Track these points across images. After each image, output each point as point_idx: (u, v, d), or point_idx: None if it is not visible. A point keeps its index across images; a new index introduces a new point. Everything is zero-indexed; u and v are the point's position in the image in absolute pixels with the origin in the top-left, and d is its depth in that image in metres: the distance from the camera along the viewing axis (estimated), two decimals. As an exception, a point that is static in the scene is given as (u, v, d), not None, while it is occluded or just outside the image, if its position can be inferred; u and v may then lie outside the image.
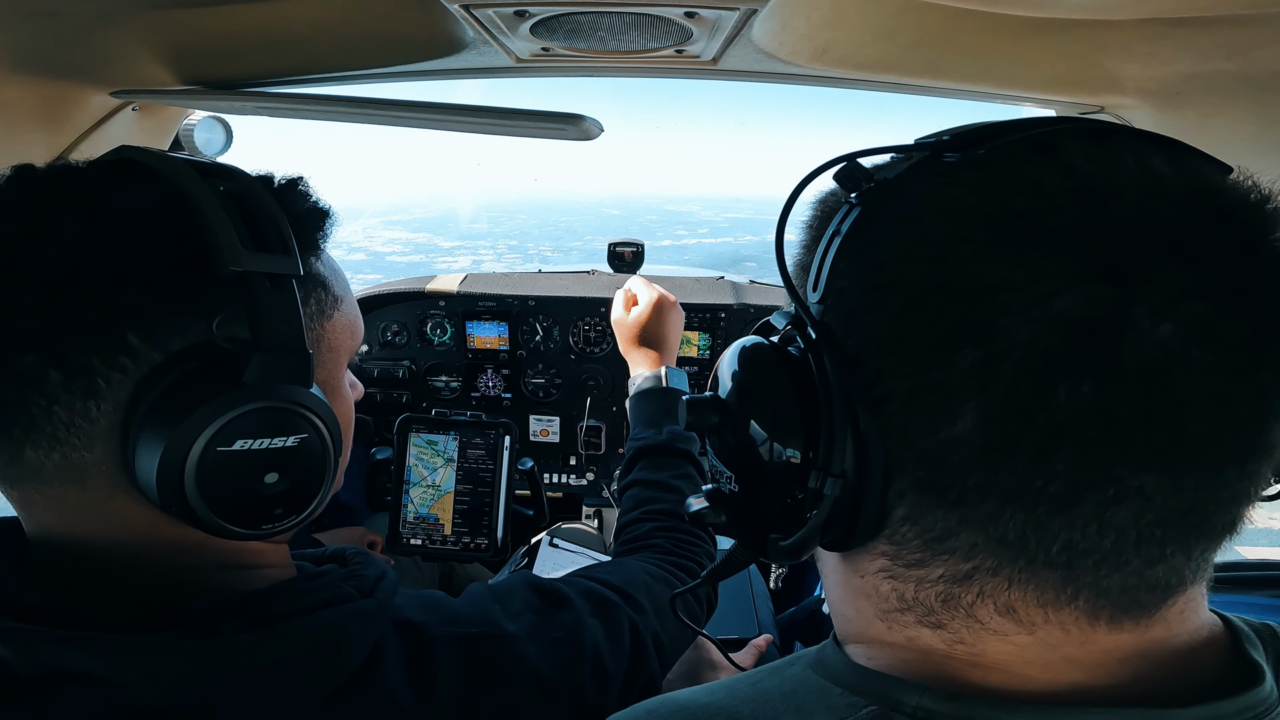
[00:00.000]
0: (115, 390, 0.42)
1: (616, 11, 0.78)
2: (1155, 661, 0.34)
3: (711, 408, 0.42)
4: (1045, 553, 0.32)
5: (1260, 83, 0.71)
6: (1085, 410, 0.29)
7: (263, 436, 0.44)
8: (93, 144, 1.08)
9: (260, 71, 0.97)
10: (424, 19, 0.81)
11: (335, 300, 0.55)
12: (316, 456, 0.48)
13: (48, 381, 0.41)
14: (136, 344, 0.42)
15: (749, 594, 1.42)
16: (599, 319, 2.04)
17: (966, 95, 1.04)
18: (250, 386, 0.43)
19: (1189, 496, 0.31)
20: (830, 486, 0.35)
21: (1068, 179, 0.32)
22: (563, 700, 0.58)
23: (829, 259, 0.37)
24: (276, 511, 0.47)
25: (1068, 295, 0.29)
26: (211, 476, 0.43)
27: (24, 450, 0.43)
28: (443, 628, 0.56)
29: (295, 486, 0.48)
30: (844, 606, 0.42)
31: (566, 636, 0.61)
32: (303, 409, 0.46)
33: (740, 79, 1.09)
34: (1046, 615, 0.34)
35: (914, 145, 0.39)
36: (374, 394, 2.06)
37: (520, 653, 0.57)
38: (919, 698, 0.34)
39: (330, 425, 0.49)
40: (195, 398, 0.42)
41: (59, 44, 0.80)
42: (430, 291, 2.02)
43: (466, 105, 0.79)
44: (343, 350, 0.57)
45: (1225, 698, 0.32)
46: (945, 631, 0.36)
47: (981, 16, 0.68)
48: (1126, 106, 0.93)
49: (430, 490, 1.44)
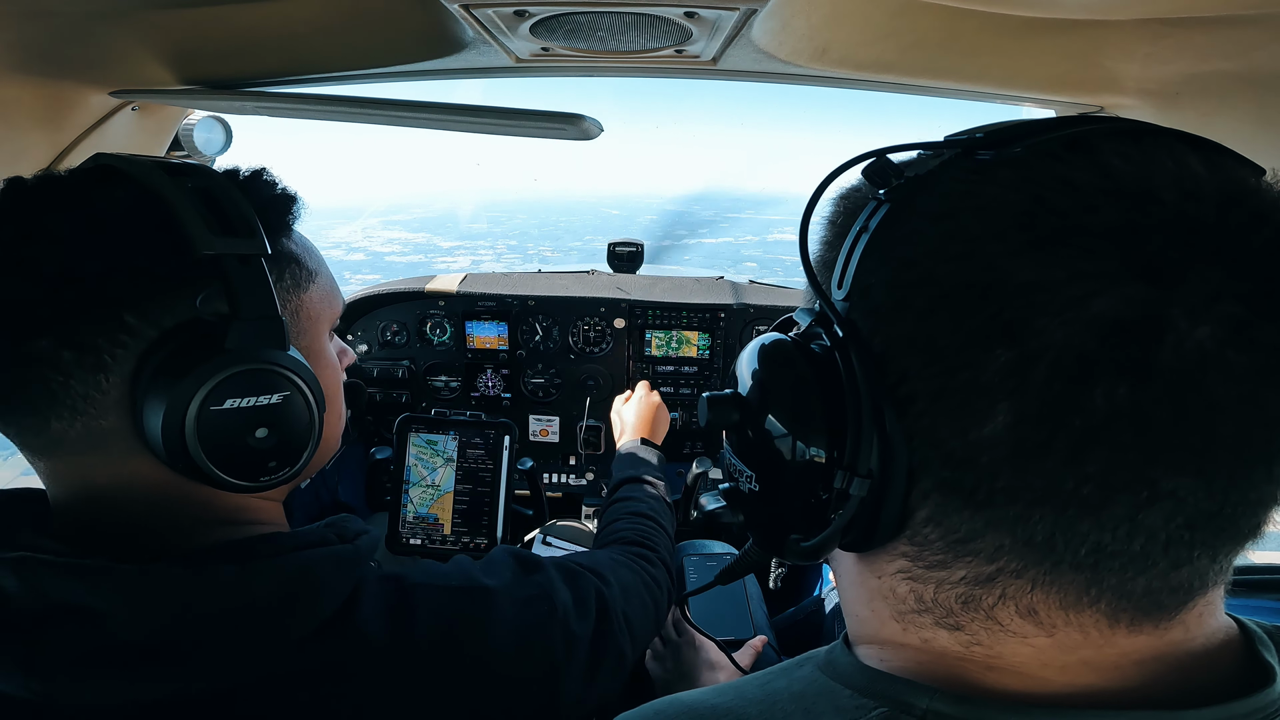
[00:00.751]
0: (120, 364, 0.49)
1: (616, 11, 0.79)
2: (1170, 664, 0.34)
3: (732, 405, 0.42)
4: (1073, 555, 0.32)
5: (1260, 83, 0.71)
6: (1120, 412, 0.29)
7: (248, 395, 0.51)
8: (93, 144, 1.07)
9: (260, 71, 0.97)
10: (424, 19, 0.81)
11: (309, 274, 0.62)
12: (300, 412, 0.55)
13: (62, 360, 0.47)
14: (133, 323, 0.49)
15: (744, 595, 1.42)
16: (599, 319, 2.04)
17: (966, 95, 1.04)
18: (233, 352, 0.50)
19: (1219, 499, 0.30)
20: (856, 487, 0.34)
21: (1105, 179, 0.32)
22: (535, 654, 0.61)
23: (856, 255, 0.37)
24: (271, 464, 0.54)
25: (1105, 296, 0.29)
26: (209, 433, 0.49)
27: (50, 423, 0.49)
28: (424, 578, 0.60)
29: (284, 440, 0.54)
30: (858, 607, 0.42)
31: (539, 595, 0.65)
32: (281, 369, 0.53)
33: (740, 79, 1.09)
34: (1068, 617, 0.33)
35: (945, 142, 0.39)
36: (374, 394, 2.06)
37: (496, 604, 0.61)
38: (929, 700, 0.34)
39: (310, 384, 0.55)
40: (187, 365, 0.48)
41: (59, 44, 0.80)
42: (430, 291, 2.02)
43: (466, 105, 0.79)
44: (322, 319, 0.63)
45: (1236, 699, 0.32)
46: (963, 633, 0.36)
47: (981, 16, 0.68)
48: (1126, 106, 0.93)
49: (430, 490, 1.44)
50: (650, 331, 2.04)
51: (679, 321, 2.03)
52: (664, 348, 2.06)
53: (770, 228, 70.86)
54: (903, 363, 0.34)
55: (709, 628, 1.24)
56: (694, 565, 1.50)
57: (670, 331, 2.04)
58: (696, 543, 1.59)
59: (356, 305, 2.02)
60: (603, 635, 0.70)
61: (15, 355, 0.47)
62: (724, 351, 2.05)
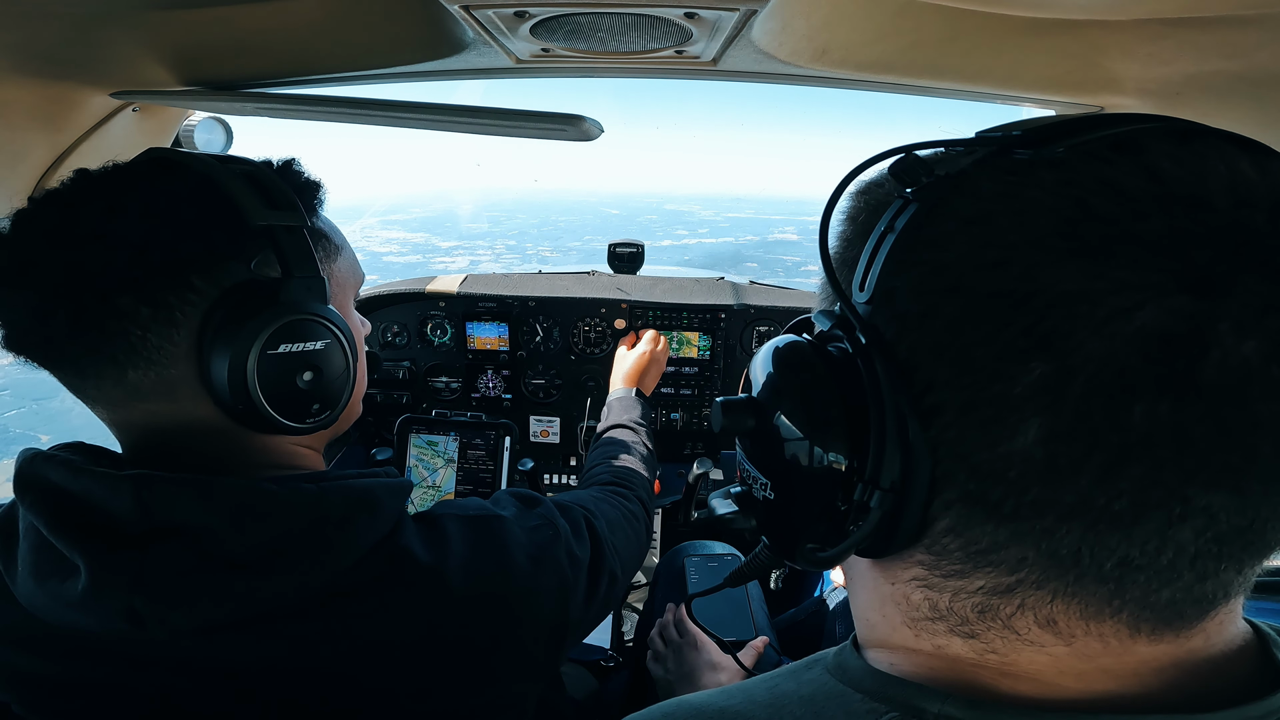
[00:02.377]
0: (189, 319, 0.56)
1: (616, 12, 0.79)
2: (1189, 670, 0.34)
3: (747, 410, 0.41)
4: (1098, 569, 0.31)
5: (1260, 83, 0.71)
6: (1161, 430, 0.28)
7: (298, 341, 0.60)
8: (93, 144, 1.08)
9: (260, 72, 0.97)
10: (424, 19, 0.81)
11: (336, 248, 0.71)
12: (339, 357, 0.64)
13: (140, 316, 0.54)
14: (200, 284, 0.56)
15: (745, 596, 1.42)
16: (599, 319, 2.04)
17: (966, 95, 1.04)
18: (285, 304, 0.58)
19: (1251, 515, 0.30)
20: (877, 501, 0.33)
21: (1155, 183, 0.30)
22: (547, 569, 0.69)
23: (880, 256, 0.35)
24: (314, 406, 0.62)
25: (1149, 309, 0.28)
26: (266, 374, 0.57)
27: (127, 373, 0.56)
28: (447, 510, 0.69)
29: (325, 383, 0.63)
30: (870, 612, 0.41)
31: (543, 523, 0.73)
32: (324, 320, 0.62)
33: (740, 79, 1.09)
34: (1088, 627, 0.33)
35: (977, 139, 0.37)
36: (374, 394, 2.06)
37: (510, 529, 0.69)
38: (941, 705, 0.34)
39: (346, 335, 0.64)
40: (247, 315, 0.56)
41: (59, 45, 0.80)
42: (430, 292, 2.02)
43: (466, 105, 0.79)
44: (348, 285, 0.73)
45: (1251, 701, 0.32)
46: (977, 641, 0.35)
47: (981, 16, 0.68)
48: (1126, 106, 0.93)
49: (430, 491, 1.44)
50: (650, 332, 2.04)
51: (679, 322, 2.03)
52: (664, 348, 2.06)
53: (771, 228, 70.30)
54: (930, 372, 0.32)
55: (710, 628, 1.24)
56: (695, 566, 1.50)
57: (670, 332, 2.04)
58: (697, 543, 1.59)
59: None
60: (598, 558, 0.78)
61: (103, 311, 0.54)
62: (724, 352, 2.05)
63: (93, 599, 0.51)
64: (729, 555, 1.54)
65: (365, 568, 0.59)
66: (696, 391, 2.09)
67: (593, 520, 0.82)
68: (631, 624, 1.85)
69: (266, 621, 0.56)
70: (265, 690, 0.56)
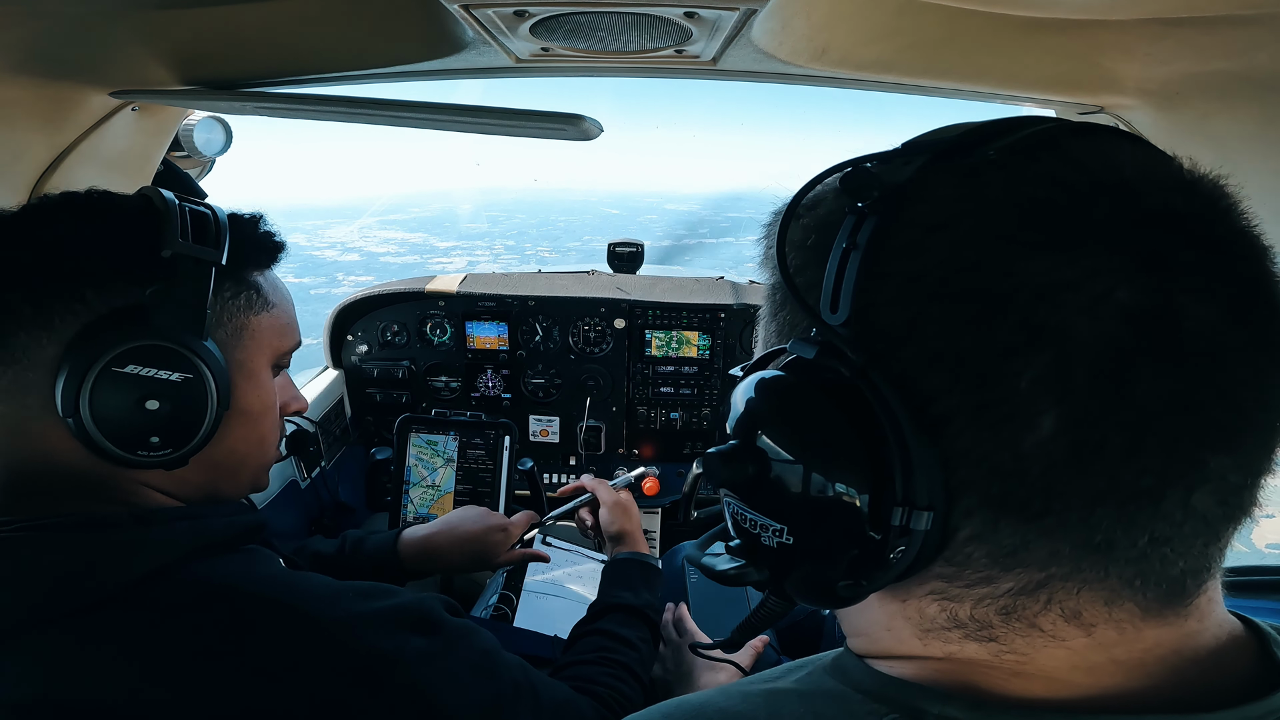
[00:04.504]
0: (64, 328, 0.56)
1: (616, 11, 0.79)
2: (1189, 658, 0.34)
3: (745, 458, 0.38)
4: (1129, 549, 0.31)
5: (1260, 83, 0.71)
6: (1166, 398, 0.29)
7: (151, 366, 0.58)
8: (92, 144, 1.07)
9: (260, 71, 0.97)
10: (424, 19, 0.81)
11: (266, 303, 0.70)
12: (197, 397, 0.60)
13: (22, 314, 0.56)
14: (91, 297, 0.57)
15: (744, 595, 1.42)
16: (599, 319, 2.04)
17: (966, 95, 1.04)
18: (151, 328, 0.58)
19: (1245, 471, 0.32)
20: (918, 521, 0.32)
21: (1084, 174, 0.32)
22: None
23: (849, 274, 0.34)
24: (153, 440, 0.59)
25: (1123, 288, 0.29)
26: (102, 390, 0.56)
27: None
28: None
29: (171, 418, 0.59)
30: (873, 629, 0.40)
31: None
32: (188, 351, 0.59)
33: (740, 79, 1.09)
34: (1109, 614, 0.33)
35: (906, 149, 0.37)
36: (374, 394, 2.06)
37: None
38: (943, 706, 0.34)
39: (217, 377, 0.61)
40: (108, 329, 0.56)
41: (59, 44, 0.80)
42: (430, 292, 2.02)
43: (466, 105, 0.79)
44: (265, 344, 0.70)
45: (1254, 700, 0.32)
46: (996, 644, 0.35)
47: (981, 16, 0.68)
48: (1126, 106, 0.93)
49: (430, 490, 1.44)
50: (650, 332, 2.04)
51: (679, 322, 2.03)
52: (664, 348, 2.06)
53: (770, 227, 69.79)
54: (929, 382, 0.32)
55: (709, 628, 1.24)
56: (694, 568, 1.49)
57: (670, 332, 2.04)
58: (689, 544, 1.59)
59: (357, 305, 2.02)
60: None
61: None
62: (724, 352, 2.05)
63: None
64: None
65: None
66: (696, 391, 2.09)
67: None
68: (631, 624, 1.85)
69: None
70: None
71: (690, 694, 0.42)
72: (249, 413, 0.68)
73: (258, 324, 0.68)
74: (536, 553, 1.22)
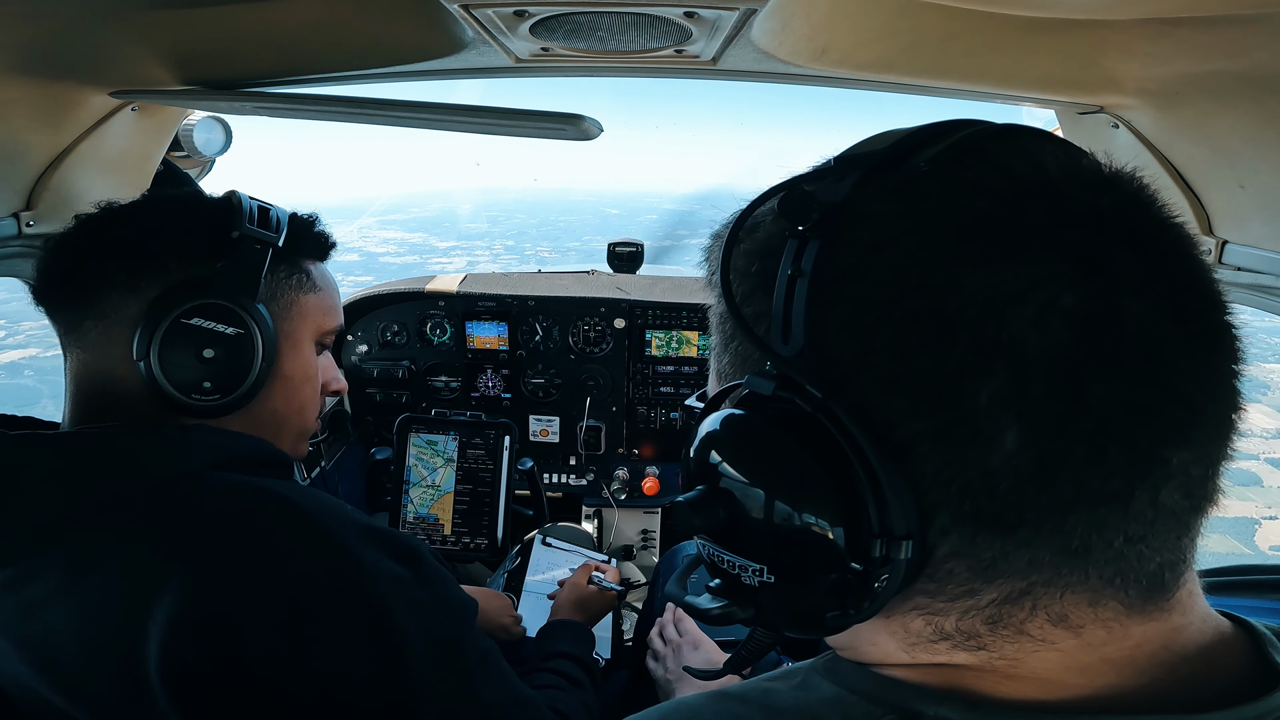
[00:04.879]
0: (148, 290, 0.68)
1: (616, 11, 0.78)
2: (1179, 654, 0.34)
3: (715, 502, 0.37)
4: (1105, 550, 0.32)
5: (1260, 83, 0.71)
6: (1121, 401, 0.30)
7: (211, 320, 0.68)
8: (92, 143, 1.07)
9: (260, 71, 0.97)
10: (424, 19, 0.81)
11: (314, 285, 0.80)
12: (246, 352, 0.70)
13: (116, 278, 0.68)
14: (172, 266, 0.69)
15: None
16: (599, 319, 2.04)
17: (966, 95, 1.04)
18: (215, 288, 0.69)
19: (1206, 463, 0.32)
20: (897, 550, 0.32)
21: (1012, 180, 0.32)
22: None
23: (797, 303, 0.33)
24: (206, 385, 0.68)
25: (1066, 296, 0.30)
26: (172, 338, 0.66)
27: (84, 321, 0.68)
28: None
29: (222, 367, 0.69)
30: (858, 643, 0.40)
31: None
32: (242, 310, 0.70)
33: (740, 79, 1.09)
34: (1095, 614, 0.33)
35: (840, 164, 0.36)
36: (374, 394, 2.06)
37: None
38: (937, 708, 0.34)
39: (266, 337, 0.71)
40: (181, 293, 0.68)
41: (59, 44, 0.80)
42: (430, 291, 2.02)
43: (466, 105, 0.79)
44: (310, 319, 0.80)
45: (1248, 701, 0.32)
46: (986, 651, 0.35)
47: (981, 16, 0.68)
48: (1126, 106, 0.93)
49: (430, 490, 1.44)
50: (650, 331, 2.04)
51: (679, 321, 2.03)
52: (664, 348, 2.06)
53: (770, 227, 69.05)
54: (888, 409, 0.31)
55: (710, 628, 1.24)
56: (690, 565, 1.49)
57: (670, 331, 2.04)
58: (690, 544, 1.60)
59: (357, 305, 2.02)
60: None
61: (95, 268, 0.68)
62: (724, 351, 2.06)
63: None
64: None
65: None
66: (696, 391, 2.09)
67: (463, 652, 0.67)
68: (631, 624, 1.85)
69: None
70: None
71: (689, 695, 0.43)
72: (291, 378, 0.78)
73: (305, 302, 0.79)
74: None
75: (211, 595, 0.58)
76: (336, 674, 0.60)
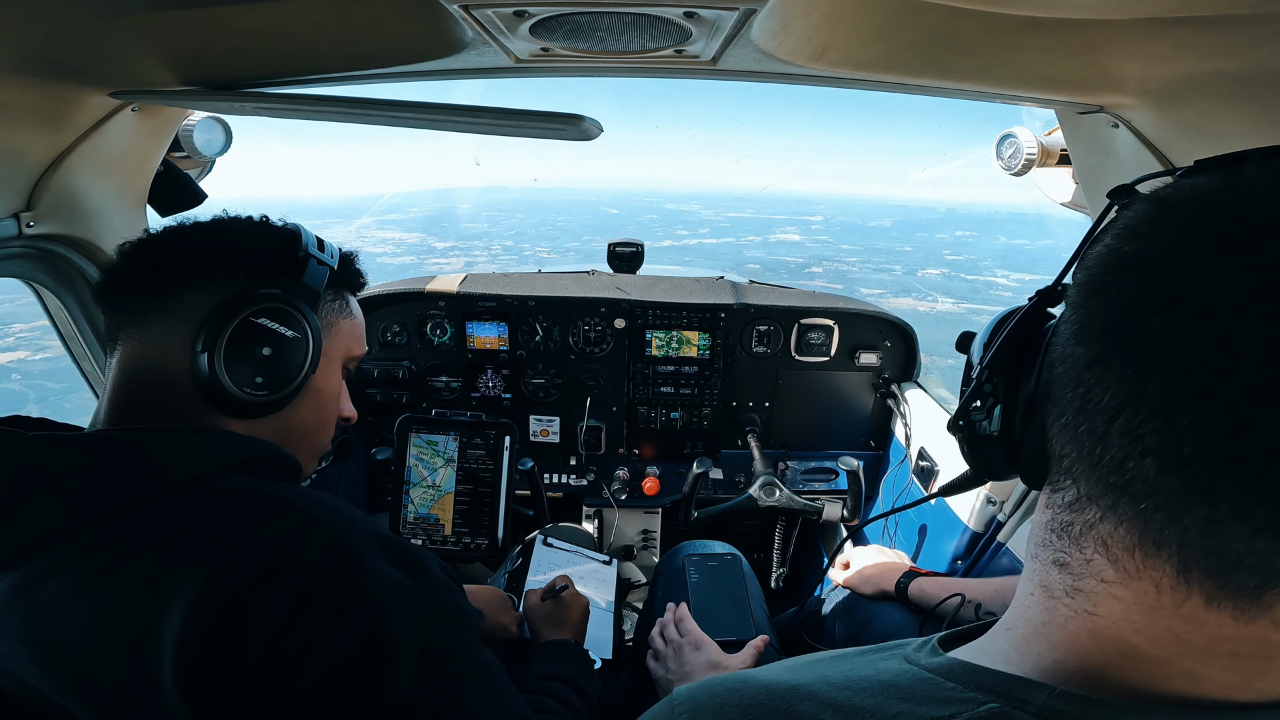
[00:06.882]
0: (219, 293, 0.74)
1: (616, 11, 0.78)
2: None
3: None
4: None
5: (1260, 83, 0.71)
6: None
7: (273, 320, 0.75)
8: (92, 144, 1.07)
9: (260, 72, 0.97)
10: (424, 19, 0.81)
11: (350, 312, 0.89)
12: (298, 353, 0.77)
13: (192, 281, 0.73)
14: (243, 276, 0.76)
15: (745, 596, 1.42)
16: (599, 319, 2.04)
17: (966, 95, 1.04)
18: (280, 293, 0.76)
19: None
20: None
21: None
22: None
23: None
24: (258, 379, 0.74)
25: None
26: (239, 333, 0.72)
27: (151, 315, 0.73)
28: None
29: (276, 365, 0.75)
30: (1031, 571, 0.41)
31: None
32: (302, 315, 0.77)
33: (739, 79, 1.09)
34: (1138, 563, 0.33)
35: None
36: (374, 394, 2.06)
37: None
38: (1045, 697, 0.33)
39: (315, 342, 0.79)
40: (252, 295, 0.74)
41: (59, 45, 0.80)
42: (430, 292, 2.02)
43: (466, 105, 0.79)
44: (343, 340, 0.88)
45: None
46: (1066, 573, 0.37)
47: (981, 16, 0.68)
48: (1126, 106, 0.93)
49: (430, 490, 1.44)
50: (650, 331, 2.04)
51: (679, 321, 2.03)
52: (664, 348, 2.06)
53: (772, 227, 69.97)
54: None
55: (710, 628, 1.24)
56: (695, 565, 1.50)
57: (670, 331, 2.04)
58: (697, 542, 1.60)
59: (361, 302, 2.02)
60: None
61: (173, 269, 0.73)
62: (724, 351, 2.05)
63: None
64: (729, 554, 1.54)
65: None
66: (696, 391, 2.09)
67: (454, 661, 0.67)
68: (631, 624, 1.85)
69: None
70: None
71: (755, 669, 0.41)
72: (322, 392, 0.84)
73: (342, 325, 0.87)
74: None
75: (222, 597, 0.59)
76: (331, 676, 0.60)
